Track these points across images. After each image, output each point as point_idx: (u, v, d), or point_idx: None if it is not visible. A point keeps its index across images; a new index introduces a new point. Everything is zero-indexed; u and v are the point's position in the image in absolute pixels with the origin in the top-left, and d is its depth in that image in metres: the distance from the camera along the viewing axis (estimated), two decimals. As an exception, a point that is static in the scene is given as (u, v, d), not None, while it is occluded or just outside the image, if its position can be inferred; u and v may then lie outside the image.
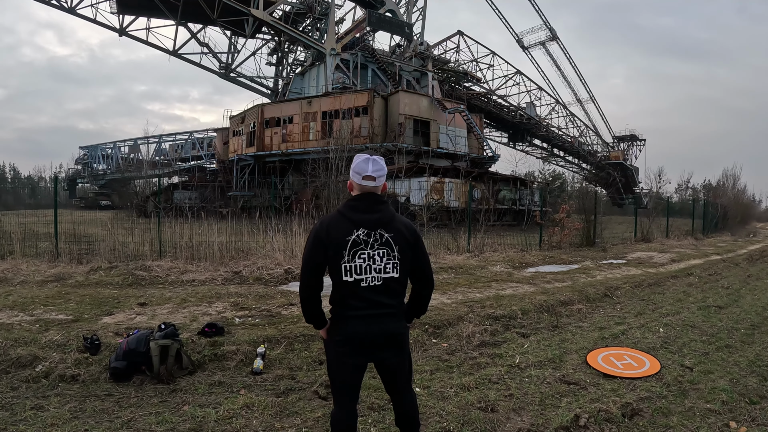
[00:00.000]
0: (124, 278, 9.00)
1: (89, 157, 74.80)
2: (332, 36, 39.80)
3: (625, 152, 62.26)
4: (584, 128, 60.47)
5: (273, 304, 7.16)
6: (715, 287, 10.47)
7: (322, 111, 36.37)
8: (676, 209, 32.78)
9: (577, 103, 60.38)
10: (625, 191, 60.23)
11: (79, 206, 55.99)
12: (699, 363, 5.22)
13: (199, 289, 8.19)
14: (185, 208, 14.62)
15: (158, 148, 65.94)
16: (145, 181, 47.09)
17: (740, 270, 13.85)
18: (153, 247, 11.43)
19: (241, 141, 40.92)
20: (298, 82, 43.42)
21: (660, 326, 6.79)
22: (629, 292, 9.39)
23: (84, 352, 4.94)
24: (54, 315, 6.29)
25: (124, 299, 7.30)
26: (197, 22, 42.38)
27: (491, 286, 9.09)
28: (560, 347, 5.74)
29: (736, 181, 42.76)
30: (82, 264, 10.22)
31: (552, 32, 56.86)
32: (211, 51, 44.63)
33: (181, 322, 5.95)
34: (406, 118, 35.25)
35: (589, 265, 12.36)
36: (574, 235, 17.01)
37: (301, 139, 36.82)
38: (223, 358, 5.04)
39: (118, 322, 5.98)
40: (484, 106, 49.62)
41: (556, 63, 58.50)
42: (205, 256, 10.66)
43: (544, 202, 25.69)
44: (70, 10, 38.67)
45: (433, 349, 5.69)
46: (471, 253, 13.28)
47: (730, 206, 34.69)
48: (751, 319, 7.36)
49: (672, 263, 13.82)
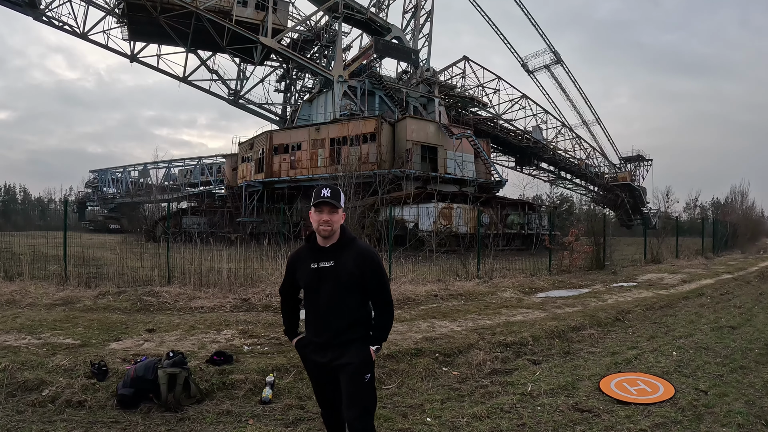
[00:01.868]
0: (133, 303, 9.01)
1: (99, 181, 75.67)
2: (340, 63, 40.35)
3: (632, 173, 62.01)
4: (591, 150, 60.43)
5: (282, 332, 7.10)
6: (728, 307, 10.35)
7: (330, 138, 36.73)
8: (686, 228, 32.55)
9: (583, 125, 60.46)
10: (634, 212, 59.85)
11: (88, 229, 56.37)
12: (713, 386, 5.13)
13: (208, 316, 8.17)
14: (194, 233, 14.68)
15: (167, 173, 66.61)
16: (154, 205, 47.40)
17: (752, 288, 13.69)
18: (162, 272, 11.45)
19: (250, 167, 41.26)
20: (306, 109, 43.90)
21: (673, 349, 6.68)
22: (641, 316, 9.27)
23: (91, 377, 4.93)
24: (62, 339, 6.30)
25: (132, 325, 7.30)
26: (207, 49, 43.17)
27: (501, 312, 9.00)
28: (572, 374, 5.65)
29: (745, 197, 42.46)
30: (91, 288, 10.25)
31: (556, 55, 57.33)
32: (220, 78, 45.37)
33: (189, 349, 5.92)
34: (414, 144, 35.51)
35: (599, 289, 12.24)
36: (584, 258, 16.88)
37: (310, 166, 37.12)
38: (231, 387, 5.00)
39: (125, 348, 5.96)
40: (490, 130, 49.82)
41: (561, 86, 58.82)
42: (213, 283, 10.64)
43: (553, 226, 25.58)
44: (83, 36, 39.52)
45: (443, 377, 5.62)
46: (480, 279, 13.19)
47: (739, 223, 34.34)
48: (765, 339, 7.26)
49: (683, 284, 13.67)
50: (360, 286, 2.99)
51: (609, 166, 62.12)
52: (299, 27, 43.26)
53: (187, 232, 17.38)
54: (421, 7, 45.83)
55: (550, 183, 59.40)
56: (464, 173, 37.70)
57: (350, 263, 2.96)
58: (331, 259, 2.97)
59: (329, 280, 2.95)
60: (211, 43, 40.74)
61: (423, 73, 42.91)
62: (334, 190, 2.95)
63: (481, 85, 52.06)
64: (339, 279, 2.94)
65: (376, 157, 34.76)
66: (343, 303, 2.97)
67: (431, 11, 46.71)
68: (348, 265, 2.95)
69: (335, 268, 2.95)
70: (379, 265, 3.07)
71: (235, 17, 38.86)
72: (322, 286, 2.96)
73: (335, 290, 2.96)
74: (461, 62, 51.40)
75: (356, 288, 2.98)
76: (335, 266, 2.95)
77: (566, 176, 61.46)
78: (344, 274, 2.95)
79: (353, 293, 2.99)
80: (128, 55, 41.73)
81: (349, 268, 2.95)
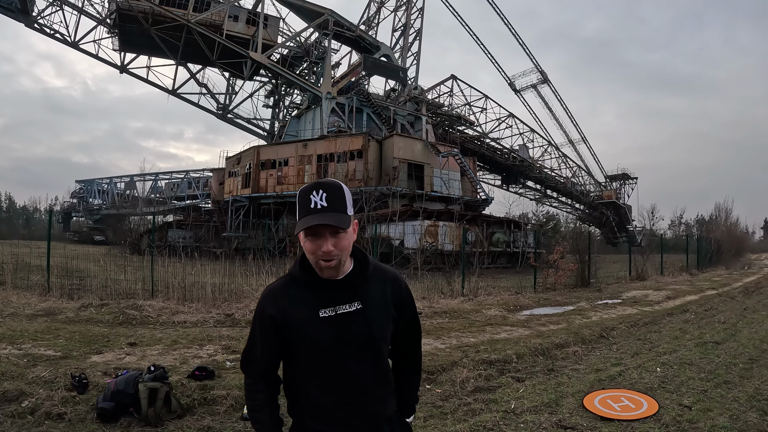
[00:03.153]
0: (115, 316, 8.91)
1: (85, 191, 75.01)
2: (328, 80, 40.62)
3: (617, 191, 62.87)
4: (576, 169, 61.23)
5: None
6: (712, 323, 10.44)
7: (317, 154, 36.87)
8: (670, 245, 32.94)
9: (569, 144, 61.31)
10: (619, 230, 60.51)
11: (72, 240, 55.59)
12: (698, 401, 5.15)
13: (191, 331, 8.09)
14: (179, 247, 14.57)
15: (154, 186, 66.19)
16: (139, 218, 47.03)
17: (736, 303, 13.85)
18: (145, 285, 11.36)
19: (237, 182, 41.17)
20: (294, 125, 44.03)
21: (657, 365, 6.72)
22: (625, 332, 9.32)
23: (71, 390, 4.87)
24: (43, 350, 6.22)
25: (114, 338, 7.21)
26: (197, 62, 43.29)
27: (485, 330, 9.00)
28: (556, 391, 5.65)
29: (729, 214, 43.15)
30: (73, 300, 10.17)
31: (543, 75, 58.20)
32: (209, 92, 45.44)
33: (171, 364, 5.85)
34: (401, 161, 35.72)
35: (584, 306, 12.29)
36: (569, 276, 16.97)
37: (296, 182, 37.16)
38: (212, 403, 4.93)
39: (107, 362, 5.89)
40: (477, 149, 50.29)
41: (548, 105, 59.69)
42: (197, 297, 10.56)
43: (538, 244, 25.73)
44: (74, 45, 39.57)
45: (426, 395, 5.59)
46: (465, 296, 13.19)
47: (723, 240, 34.87)
48: (749, 353, 7.33)
49: (667, 300, 13.79)
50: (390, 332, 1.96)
51: (594, 185, 62.92)
52: (289, 43, 43.54)
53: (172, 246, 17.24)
54: (410, 26, 46.40)
55: (536, 201, 60.02)
56: (450, 191, 37.92)
57: (383, 300, 1.90)
58: (355, 299, 1.83)
59: (360, 334, 1.81)
60: (201, 57, 40.88)
61: (411, 91, 43.33)
62: (332, 193, 1.76)
63: (469, 104, 52.70)
64: (376, 329, 1.84)
65: (363, 174, 34.90)
66: (383, 368, 1.90)
67: (420, 30, 47.35)
68: (380, 304, 1.88)
69: (365, 313, 1.83)
70: (412, 295, 2.06)
71: (225, 31, 39.08)
72: (351, 346, 1.81)
73: (374, 349, 1.84)
74: (449, 81, 52.02)
75: (389, 338, 1.95)
76: (364, 309, 1.83)
77: (552, 194, 62.11)
78: (381, 320, 1.86)
79: (386, 347, 1.94)
80: (118, 65, 41.76)
81: (385, 309, 1.90)
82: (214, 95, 45.71)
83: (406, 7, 46.48)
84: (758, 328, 9.59)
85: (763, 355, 7.17)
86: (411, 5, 46.49)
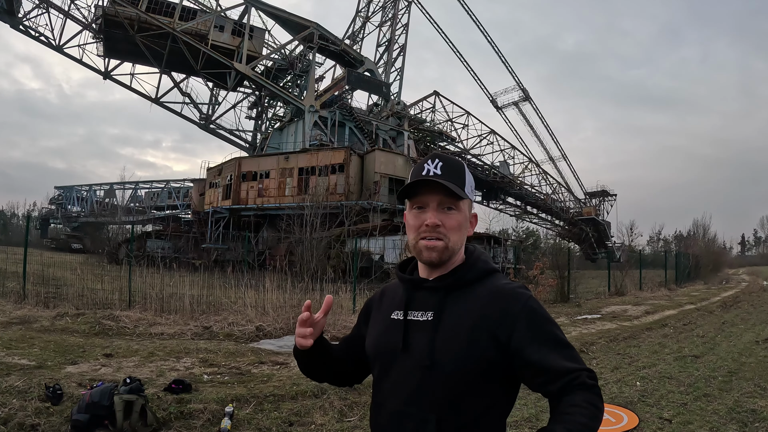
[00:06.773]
0: (91, 327, 8.76)
1: (64, 198, 73.60)
2: (311, 93, 40.73)
3: (596, 208, 63.65)
4: (557, 185, 61.90)
5: (243, 361, 6.97)
6: (691, 336, 10.58)
7: (299, 167, 36.83)
8: (649, 261, 33.41)
9: (549, 161, 62.00)
10: (598, 246, 61.15)
11: (50, 247, 54.42)
12: (678, 414, 5.20)
13: (168, 343, 7.96)
14: (158, 257, 14.35)
15: (134, 195, 65.39)
16: (118, 227, 46.33)
17: (715, 318, 14.05)
18: (122, 296, 11.18)
19: (218, 193, 40.86)
20: (276, 137, 43.96)
21: (636, 379, 6.77)
22: (605, 347, 9.39)
23: (45, 401, 4.74)
24: (16, 359, 6.08)
25: (89, 349, 7.08)
26: (181, 71, 43.00)
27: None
28: (536, 405, 5.65)
29: (707, 230, 44.04)
30: (49, 308, 10.00)
31: (525, 92, 58.91)
32: (192, 101, 45.12)
33: (147, 376, 5.75)
34: (382, 176, 35.82)
35: (563, 322, 12.36)
36: (549, 291, 17.10)
37: (277, 194, 37.04)
38: (189, 417, 4.84)
39: (82, 372, 5.77)
40: (459, 164, 50.50)
41: (529, 122, 60.29)
42: (175, 309, 10.40)
43: (518, 260, 25.90)
44: (58, 48, 39.15)
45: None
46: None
47: (701, 255, 35.48)
48: (728, 366, 7.43)
49: (646, 315, 13.94)
50: (494, 369, 1.37)
51: (574, 201, 63.62)
52: (274, 55, 43.61)
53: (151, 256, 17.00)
54: (394, 41, 46.83)
55: (516, 217, 60.50)
56: (431, 206, 38.05)
57: (471, 316, 1.37)
58: (431, 307, 1.42)
59: (417, 351, 1.38)
60: (185, 66, 40.66)
61: (394, 106, 43.62)
62: (450, 165, 1.46)
63: (450, 120, 53.11)
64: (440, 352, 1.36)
65: (344, 188, 34.94)
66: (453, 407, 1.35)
67: (404, 46, 47.80)
68: (467, 322, 1.36)
69: (436, 325, 1.39)
70: (543, 316, 1.39)
71: (211, 41, 38.97)
72: (398, 362, 1.42)
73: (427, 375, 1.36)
74: (431, 97, 52.43)
75: (484, 375, 1.36)
76: (435, 321, 1.39)
77: (532, 211, 62.63)
78: (457, 343, 1.35)
79: (477, 385, 1.36)
80: (102, 71, 41.30)
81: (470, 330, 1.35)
82: (197, 105, 45.44)
83: (391, 23, 46.98)
84: (736, 341, 9.75)
85: (742, 368, 7.28)
86: (396, 21, 46.98)
